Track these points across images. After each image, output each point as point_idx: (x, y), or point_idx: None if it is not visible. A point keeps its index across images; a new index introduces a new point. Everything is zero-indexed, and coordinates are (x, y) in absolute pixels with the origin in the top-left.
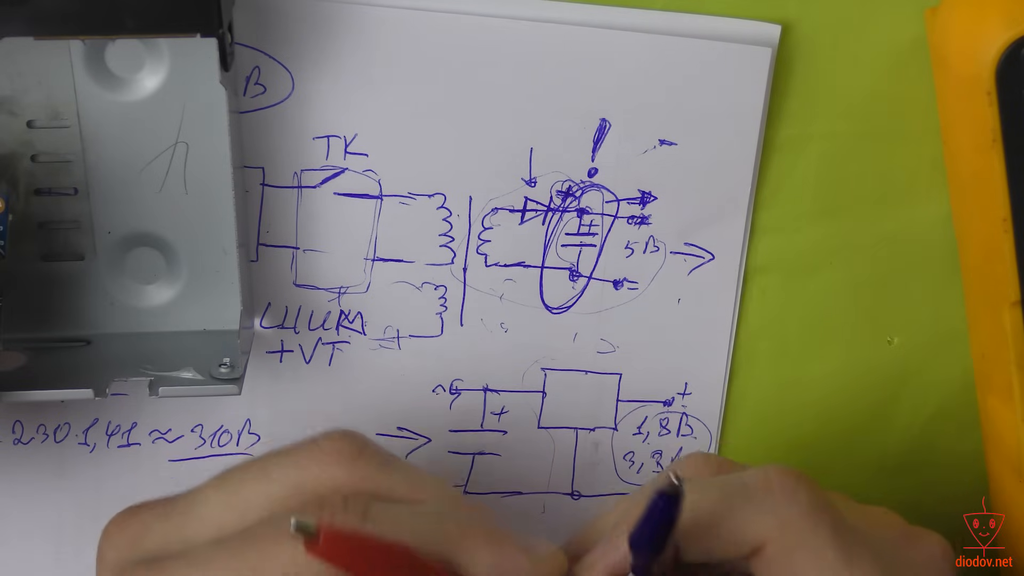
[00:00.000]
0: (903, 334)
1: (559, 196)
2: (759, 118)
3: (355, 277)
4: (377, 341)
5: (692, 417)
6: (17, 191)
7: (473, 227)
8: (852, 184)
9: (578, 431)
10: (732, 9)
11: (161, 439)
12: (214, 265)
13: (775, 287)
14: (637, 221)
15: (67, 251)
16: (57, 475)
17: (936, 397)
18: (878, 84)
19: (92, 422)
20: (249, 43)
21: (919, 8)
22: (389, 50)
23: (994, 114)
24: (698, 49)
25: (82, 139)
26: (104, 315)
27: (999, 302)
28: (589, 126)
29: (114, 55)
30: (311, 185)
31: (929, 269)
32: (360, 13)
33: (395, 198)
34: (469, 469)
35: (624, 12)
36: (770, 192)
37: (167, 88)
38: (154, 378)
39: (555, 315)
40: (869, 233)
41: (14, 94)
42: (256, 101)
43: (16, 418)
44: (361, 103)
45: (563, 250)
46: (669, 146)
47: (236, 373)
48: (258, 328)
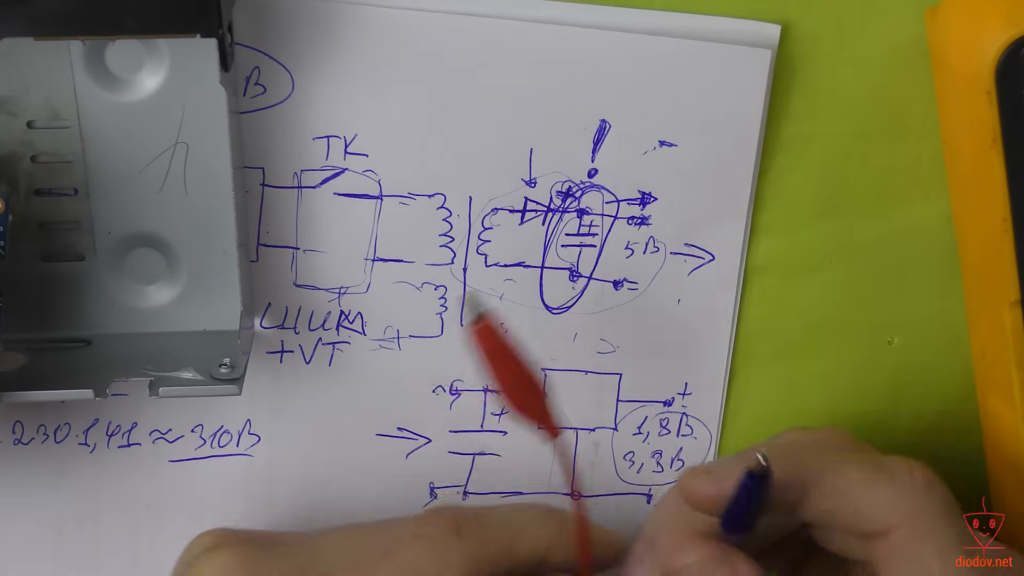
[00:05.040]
0: (903, 334)
1: (559, 196)
2: (759, 119)
3: (355, 277)
4: (377, 341)
5: (692, 417)
6: (17, 191)
7: (473, 227)
8: (852, 184)
9: (578, 431)
10: (732, 9)
11: (161, 439)
12: (214, 265)
13: (775, 287)
14: (637, 222)
15: (67, 251)
16: (57, 475)
17: (936, 397)
18: (878, 84)
19: (92, 422)
20: (249, 43)
21: (919, 8)
22: (389, 50)
23: (994, 114)
24: (698, 50)
25: (82, 139)
26: (104, 315)
27: (999, 302)
28: (589, 127)
29: (114, 55)
30: (311, 185)
31: (929, 269)
32: (360, 13)
33: (395, 198)
34: (469, 469)
35: (624, 12)
36: (770, 192)
37: (167, 88)
38: (154, 378)
39: (555, 315)
40: (869, 233)
41: (14, 94)
42: (256, 101)
43: (16, 418)
44: (361, 103)
45: (563, 250)
46: (669, 147)
47: (236, 373)
48: (258, 328)
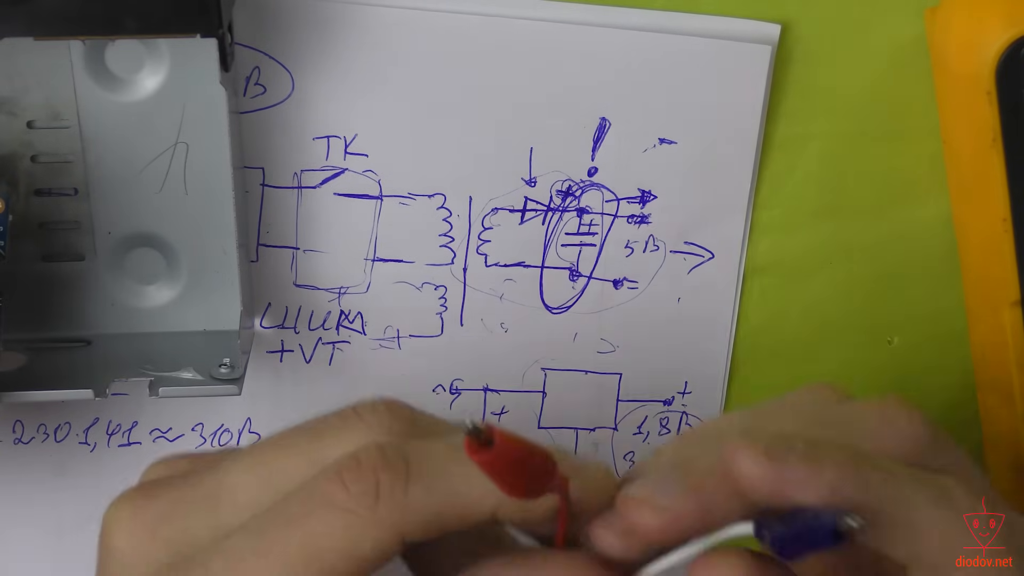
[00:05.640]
0: (903, 334)
1: (559, 196)
2: (758, 115)
3: (355, 277)
4: (377, 341)
5: (692, 417)
6: (17, 191)
7: (473, 227)
8: (852, 184)
9: (578, 431)
10: (732, 9)
11: (162, 438)
12: (214, 265)
13: (775, 287)
14: (637, 220)
15: (67, 251)
16: (58, 474)
17: (936, 397)
18: (878, 84)
19: (92, 421)
20: (249, 43)
21: (919, 8)
22: (389, 50)
23: (994, 114)
24: (697, 47)
25: (82, 139)
26: (104, 315)
27: (999, 302)
28: (589, 125)
29: (114, 55)
30: (311, 185)
31: (929, 269)
32: (360, 13)
33: (395, 198)
34: None
35: (624, 12)
36: (770, 192)
37: (167, 88)
38: (154, 378)
39: (555, 315)
40: (869, 233)
41: (14, 94)
42: (256, 101)
43: (16, 418)
44: (361, 103)
45: (563, 250)
46: (669, 144)
47: (236, 373)
48: (258, 328)
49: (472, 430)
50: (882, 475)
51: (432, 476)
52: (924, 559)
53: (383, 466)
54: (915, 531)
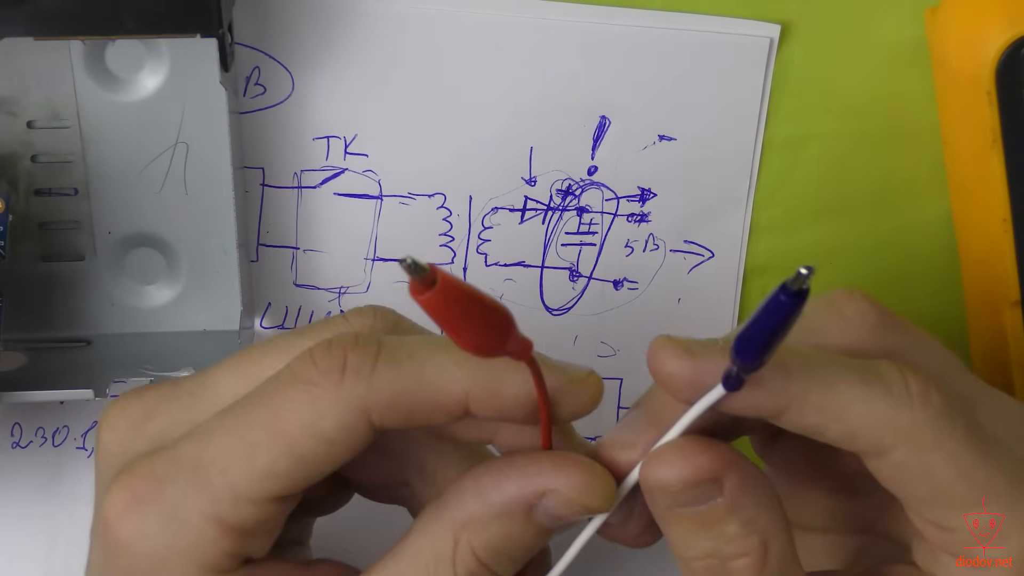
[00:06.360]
0: None
1: (559, 195)
2: (757, 113)
3: (355, 277)
4: None
5: None
6: (17, 191)
7: (473, 227)
8: (852, 184)
9: None
10: (731, 9)
11: None
12: (214, 265)
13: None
14: (637, 219)
15: (67, 251)
16: (55, 481)
17: None
18: (878, 84)
19: (91, 425)
20: (249, 43)
21: (919, 8)
22: (389, 50)
23: (994, 114)
24: (698, 47)
25: (82, 139)
26: (104, 315)
27: (999, 302)
28: (589, 123)
29: (114, 55)
30: (311, 185)
31: (929, 269)
32: (360, 13)
33: (395, 198)
34: None
35: (624, 12)
36: (770, 192)
37: (167, 88)
38: (154, 378)
39: (555, 317)
40: (869, 233)
41: (14, 94)
42: (256, 101)
43: (15, 420)
44: (361, 103)
45: (563, 249)
46: (668, 141)
47: None
48: (258, 328)
49: (412, 266)
50: (800, 360)
51: (402, 359)
52: (860, 439)
53: (353, 346)
54: (842, 411)
